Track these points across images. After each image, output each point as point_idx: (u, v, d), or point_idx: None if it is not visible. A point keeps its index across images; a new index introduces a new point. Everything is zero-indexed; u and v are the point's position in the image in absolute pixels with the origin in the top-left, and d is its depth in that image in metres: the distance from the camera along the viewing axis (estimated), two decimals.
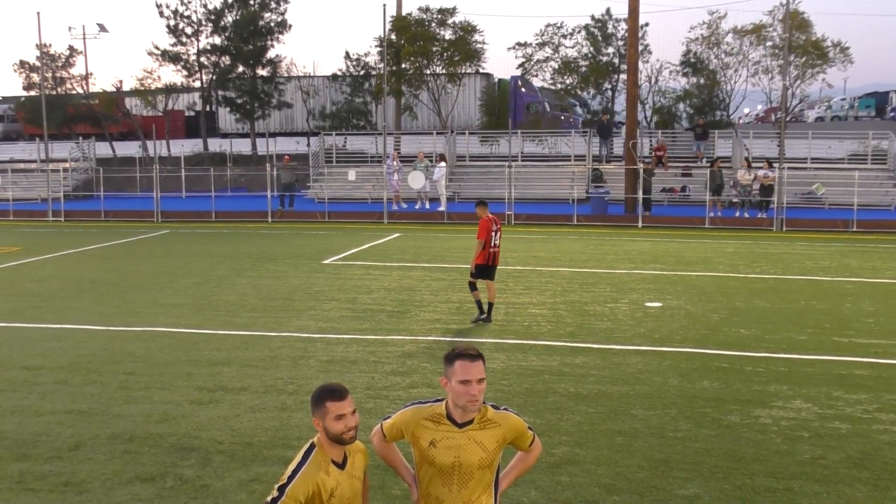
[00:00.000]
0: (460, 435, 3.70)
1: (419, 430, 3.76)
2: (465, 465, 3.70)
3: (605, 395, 8.68)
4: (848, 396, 8.61)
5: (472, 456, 3.70)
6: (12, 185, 34.87)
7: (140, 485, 6.49)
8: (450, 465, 3.70)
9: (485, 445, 3.71)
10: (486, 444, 3.72)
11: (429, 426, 3.74)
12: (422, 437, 3.75)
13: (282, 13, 44.10)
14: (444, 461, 3.70)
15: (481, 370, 3.65)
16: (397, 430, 3.84)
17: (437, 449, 3.71)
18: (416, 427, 3.77)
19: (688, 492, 6.31)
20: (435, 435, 3.72)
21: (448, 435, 3.71)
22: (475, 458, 3.70)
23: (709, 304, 13.61)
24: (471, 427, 3.72)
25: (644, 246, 21.49)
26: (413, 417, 3.79)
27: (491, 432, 3.74)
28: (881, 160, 32.93)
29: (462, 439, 3.70)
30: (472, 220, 27.82)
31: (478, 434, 3.71)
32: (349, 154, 38.82)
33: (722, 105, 40.61)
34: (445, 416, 3.74)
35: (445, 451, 3.70)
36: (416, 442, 3.78)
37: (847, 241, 22.62)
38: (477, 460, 3.70)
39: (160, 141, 42.98)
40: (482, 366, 3.66)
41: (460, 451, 3.69)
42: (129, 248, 21.90)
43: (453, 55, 40.39)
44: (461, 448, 3.69)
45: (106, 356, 10.41)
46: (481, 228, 12.28)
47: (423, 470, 3.79)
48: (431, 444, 3.72)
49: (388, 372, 9.61)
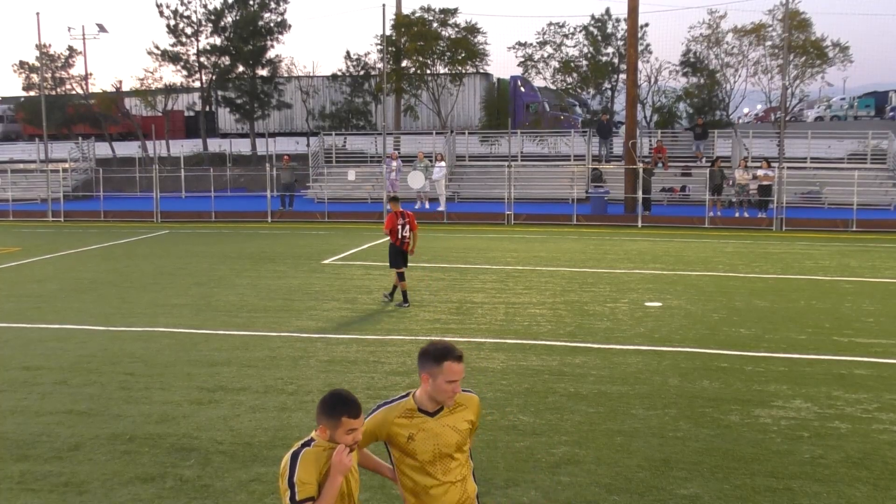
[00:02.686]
0: (434, 423, 3.84)
1: (394, 428, 3.84)
2: (445, 451, 3.83)
3: (605, 395, 8.68)
4: (848, 396, 8.61)
5: (450, 440, 3.84)
6: (12, 186, 34.88)
7: (140, 485, 6.50)
8: (431, 453, 3.82)
9: (458, 428, 3.87)
10: (458, 427, 3.88)
11: (403, 423, 3.84)
12: (398, 435, 3.84)
13: (281, 13, 44.16)
14: (424, 452, 3.82)
15: (463, 369, 3.82)
16: (370, 434, 3.89)
17: (416, 442, 3.82)
18: (391, 427, 3.85)
19: (688, 491, 6.32)
20: (411, 429, 3.83)
21: (423, 426, 3.83)
22: (452, 441, 3.85)
23: (708, 303, 13.62)
24: (441, 414, 3.86)
25: (644, 246, 21.50)
26: (385, 419, 3.86)
27: (460, 414, 3.90)
28: (881, 160, 32.93)
29: (437, 427, 3.83)
30: (472, 220, 28.00)
31: (449, 419, 3.86)
32: (349, 154, 38.83)
33: (721, 105, 40.62)
34: (417, 409, 3.85)
35: (424, 441, 3.82)
36: (393, 441, 3.87)
37: (847, 241, 22.62)
38: (454, 443, 3.85)
39: (160, 141, 43.02)
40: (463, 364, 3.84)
41: (437, 439, 3.83)
42: (128, 249, 21.90)
43: (455, 55, 40.39)
44: (438, 435, 3.83)
45: (106, 357, 10.41)
46: (387, 221, 13.94)
47: (405, 465, 3.88)
48: (410, 438, 3.82)
49: (387, 372, 9.61)
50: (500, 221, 27.48)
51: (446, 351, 3.78)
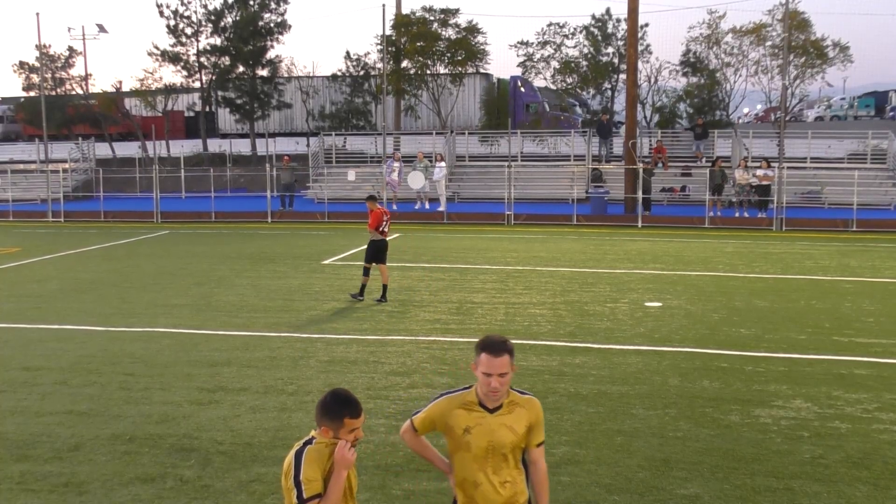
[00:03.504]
0: (492, 420, 3.85)
1: (452, 419, 3.87)
2: (498, 449, 3.84)
3: (605, 395, 8.68)
4: (848, 396, 8.61)
5: (504, 439, 3.84)
6: (12, 186, 34.88)
7: (140, 485, 6.50)
8: (484, 449, 3.83)
9: (514, 429, 3.87)
10: (515, 428, 3.87)
11: (462, 414, 3.87)
12: (456, 426, 3.87)
13: (281, 14, 44.13)
14: (478, 446, 3.83)
15: (504, 364, 3.77)
16: (430, 422, 3.95)
17: (472, 435, 3.84)
18: (450, 416, 3.88)
19: (688, 491, 6.32)
20: (469, 422, 3.85)
21: (481, 421, 3.84)
22: (507, 440, 3.84)
23: (708, 303, 13.61)
24: (500, 412, 3.86)
25: (644, 246, 21.50)
26: (446, 407, 3.91)
27: (518, 416, 3.89)
28: (881, 160, 32.92)
29: (494, 424, 3.84)
30: (472, 220, 27.97)
31: (507, 418, 3.86)
32: (349, 154, 38.81)
33: (721, 105, 40.59)
34: (477, 403, 3.87)
35: (479, 436, 3.83)
36: (449, 431, 3.90)
37: (847, 241, 22.61)
38: (509, 443, 3.85)
39: (160, 141, 42.98)
40: (507, 360, 3.78)
41: (493, 436, 3.83)
42: (128, 249, 21.90)
43: (455, 55, 40.38)
44: (494, 432, 3.83)
45: (106, 357, 10.41)
46: (373, 219, 14.36)
47: (458, 457, 3.91)
48: (466, 430, 3.85)
49: (387, 372, 9.62)
50: (500, 222, 27.48)
51: (485, 343, 3.82)
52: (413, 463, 6.82)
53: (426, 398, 8.69)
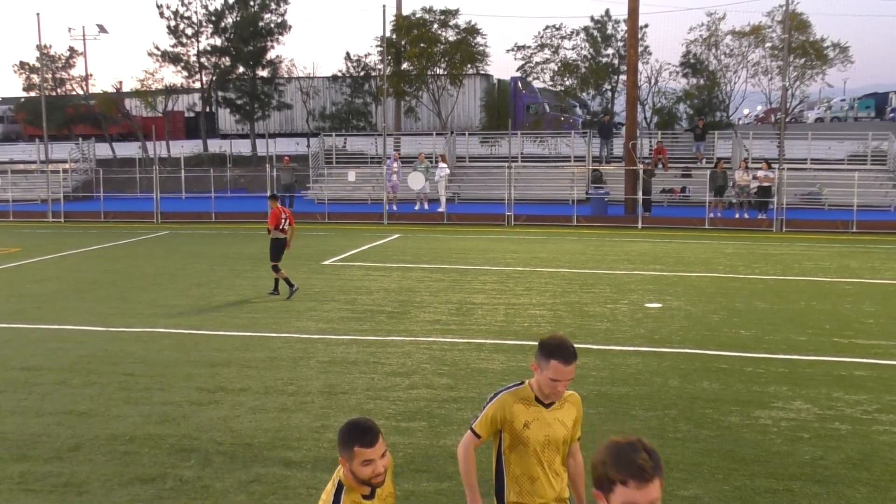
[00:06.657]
0: (548, 414, 4.02)
1: (513, 414, 4.01)
2: (553, 443, 4.02)
3: (605, 396, 8.68)
4: (848, 397, 8.61)
5: (559, 433, 4.03)
6: (12, 186, 34.88)
7: (140, 486, 6.50)
8: (542, 444, 3.99)
9: (566, 423, 4.06)
10: (566, 422, 4.07)
11: (521, 409, 4.01)
12: (516, 421, 4.00)
13: (282, 14, 44.14)
14: (537, 441, 3.99)
15: (573, 372, 3.95)
16: (493, 421, 4.05)
17: (531, 430, 3.99)
18: (511, 412, 4.01)
19: (688, 493, 6.31)
20: (528, 416, 4.00)
21: (538, 416, 4.00)
22: (560, 434, 4.03)
23: (708, 304, 13.61)
24: (554, 407, 4.05)
25: (644, 247, 21.50)
26: (507, 403, 4.03)
27: (568, 410, 4.09)
28: (881, 161, 32.92)
29: (550, 418, 4.02)
30: (472, 221, 27.97)
31: (560, 413, 4.06)
32: (349, 155, 38.80)
33: (722, 106, 40.61)
34: (534, 399, 4.03)
35: (538, 430, 3.99)
36: (509, 426, 4.01)
37: (847, 242, 22.61)
38: (562, 437, 4.04)
39: (160, 142, 42.97)
40: (574, 366, 3.95)
41: (549, 430, 4.01)
42: (129, 249, 21.90)
43: (454, 56, 40.38)
44: (550, 426, 4.01)
45: (106, 357, 10.41)
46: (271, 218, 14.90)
47: (517, 452, 4.03)
48: (525, 425, 3.99)
49: (388, 373, 9.61)
50: (501, 222, 27.48)
51: (556, 349, 3.91)
52: (413, 463, 6.82)
53: (426, 399, 8.70)
